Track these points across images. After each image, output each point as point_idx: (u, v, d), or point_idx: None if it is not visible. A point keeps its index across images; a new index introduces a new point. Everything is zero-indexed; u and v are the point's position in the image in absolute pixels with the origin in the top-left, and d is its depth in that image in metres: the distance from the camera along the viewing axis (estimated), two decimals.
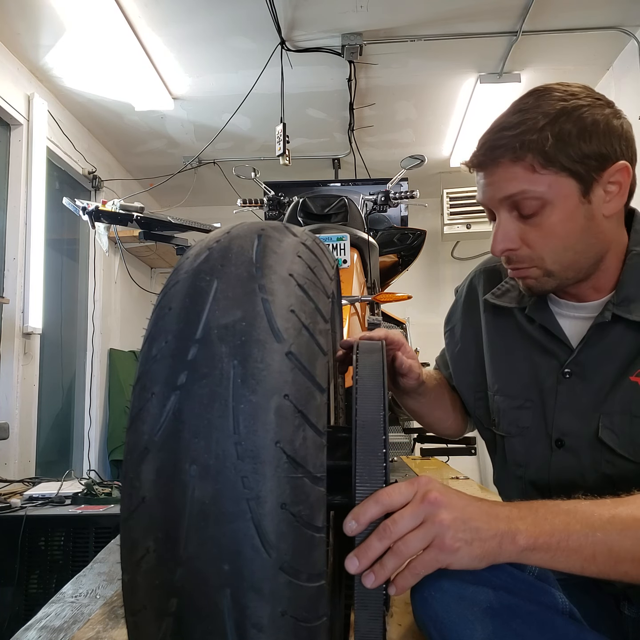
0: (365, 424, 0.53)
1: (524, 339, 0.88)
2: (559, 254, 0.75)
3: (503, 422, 0.88)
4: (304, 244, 0.52)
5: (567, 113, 0.71)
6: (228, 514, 0.39)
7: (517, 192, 0.72)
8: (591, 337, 0.79)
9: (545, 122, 0.71)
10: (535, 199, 0.72)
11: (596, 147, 0.72)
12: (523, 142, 0.71)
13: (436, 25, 2.74)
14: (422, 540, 0.52)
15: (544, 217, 0.73)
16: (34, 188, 2.88)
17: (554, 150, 0.70)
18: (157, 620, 0.41)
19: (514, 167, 0.72)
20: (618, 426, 0.76)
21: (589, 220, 0.74)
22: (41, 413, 2.98)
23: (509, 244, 0.76)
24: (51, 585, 1.65)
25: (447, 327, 1.05)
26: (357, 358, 0.61)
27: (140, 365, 0.45)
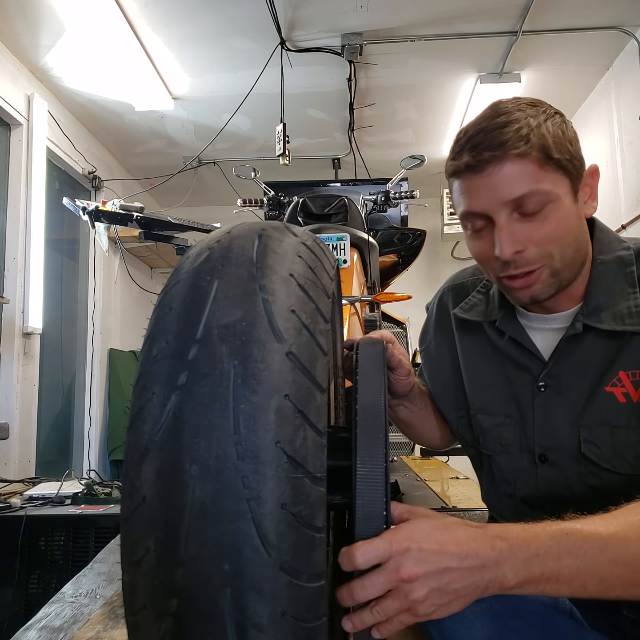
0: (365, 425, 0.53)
1: (496, 354, 0.87)
2: (564, 250, 0.74)
3: (487, 441, 0.87)
4: (305, 244, 0.52)
5: (548, 117, 0.72)
6: (228, 514, 0.39)
7: (527, 193, 0.70)
8: (563, 349, 0.79)
9: (537, 123, 0.70)
10: (541, 197, 0.70)
11: (576, 150, 0.73)
12: (528, 137, 0.69)
13: (436, 25, 2.74)
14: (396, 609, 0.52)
15: (549, 214, 0.71)
16: (34, 188, 2.87)
17: (553, 147, 0.70)
18: (157, 620, 0.41)
19: (522, 162, 0.69)
20: (599, 438, 0.75)
21: (579, 219, 0.76)
22: (41, 413, 2.98)
23: (517, 246, 0.72)
24: (51, 585, 1.65)
25: (422, 346, 1.03)
26: (357, 358, 0.61)
27: (141, 365, 0.45)
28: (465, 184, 0.74)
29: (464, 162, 0.72)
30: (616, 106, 3.11)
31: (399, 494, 1.83)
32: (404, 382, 0.87)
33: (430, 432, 1.01)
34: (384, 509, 0.52)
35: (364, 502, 0.51)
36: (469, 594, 0.53)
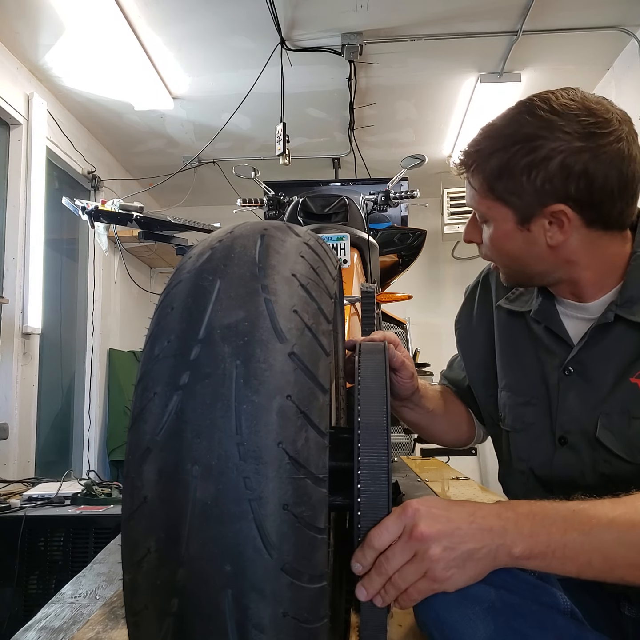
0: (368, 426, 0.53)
1: (531, 338, 0.89)
2: (504, 264, 0.84)
3: (508, 418, 0.90)
4: (307, 244, 0.52)
5: (524, 141, 0.71)
6: (230, 515, 0.39)
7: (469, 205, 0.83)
8: (592, 337, 0.80)
9: (498, 148, 0.74)
10: (479, 213, 0.81)
11: (539, 184, 0.71)
12: (476, 165, 0.78)
13: (436, 25, 2.74)
14: (415, 574, 0.54)
15: (487, 230, 0.82)
16: (34, 188, 2.87)
17: (496, 182, 0.75)
18: (158, 620, 0.41)
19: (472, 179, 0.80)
20: (616, 426, 0.76)
21: (531, 245, 0.78)
22: (40, 413, 2.98)
23: (468, 236, 0.86)
24: (51, 586, 1.64)
25: (460, 324, 1.05)
26: (359, 359, 0.61)
27: (143, 365, 0.45)
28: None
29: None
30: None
31: (400, 494, 1.83)
32: (406, 384, 0.88)
33: (443, 432, 1.03)
34: (386, 510, 0.52)
35: (366, 503, 0.51)
36: (482, 559, 0.55)
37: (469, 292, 1.06)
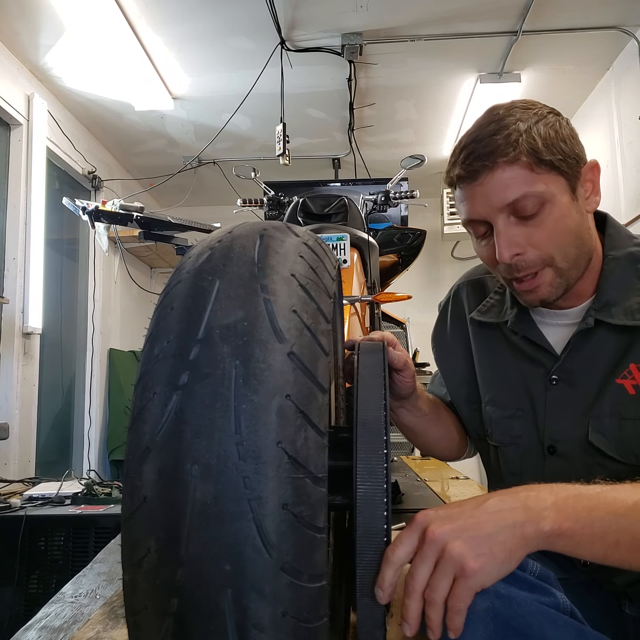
0: (365, 422, 0.52)
1: (510, 349, 0.88)
2: (565, 250, 0.76)
3: (496, 432, 0.88)
4: (306, 244, 0.52)
5: (540, 119, 0.74)
6: (229, 514, 0.39)
7: (520, 196, 0.72)
8: (575, 344, 0.80)
9: (527, 127, 0.73)
10: (536, 199, 0.72)
11: (571, 147, 0.74)
12: (515, 143, 0.72)
13: (436, 25, 2.74)
14: (445, 579, 0.50)
15: (545, 215, 0.73)
16: (34, 188, 2.87)
17: (543, 150, 0.72)
18: (158, 620, 0.41)
19: (512, 168, 0.72)
20: (607, 429, 0.76)
21: (581, 216, 0.77)
22: (41, 413, 2.98)
23: (515, 249, 0.74)
24: (51, 586, 1.64)
25: (435, 342, 1.04)
26: (358, 358, 0.61)
27: (142, 365, 0.45)
28: (462, 193, 0.77)
29: (456, 174, 0.76)
30: (616, 106, 3.11)
31: (399, 494, 1.83)
32: (408, 384, 0.87)
33: (436, 440, 1.00)
34: (384, 510, 0.51)
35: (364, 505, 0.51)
36: (508, 540, 0.51)
37: (441, 308, 1.04)
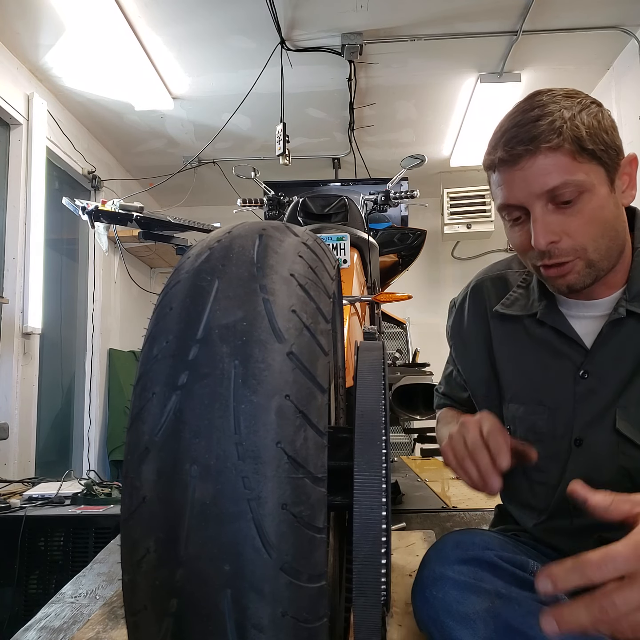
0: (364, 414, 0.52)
1: (534, 344, 0.87)
2: (598, 241, 0.75)
3: (520, 429, 0.87)
4: (305, 244, 0.52)
5: (584, 108, 0.74)
6: (229, 515, 0.39)
7: (560, 184, 0.72)
8: (606, 335, 0.80)
9: (570, 115, 0.72)
10: (575, 187, 0.72)
11: (612, 139, 0.74)
12: (560, 130, 0.71)
13: (436, 25, 2.74)
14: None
15: (583, 205, 0.73)
16: (34, 188, 2.87)
17: (586, 139, 0.72)
18: (157, 620, 0.40)
19: (555, 155, 0.72)
20: (634, 417, 0.76)
21: (617, 208, 0.77)
22: (41, 413, 2.98)
23: (552, 236, 0.74)
24: (51, 586, 1.64)
25: (454, 340, 1.02)
26: (357, 356, 0.61)
27: (141, 365, 0.45)
28: (501, 177, 0.77)
29: (498, 157, 0.76)
30: (616, 106, 3.10)
31: (400, 494, 1.83)
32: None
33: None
34: (382, 517, 0.51)
35: (362, 509, 0.50)
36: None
37: (458, 305, 1.02)
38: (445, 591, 0.70)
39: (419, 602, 0.73)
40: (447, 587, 0.70)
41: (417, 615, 0.74)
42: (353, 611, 0.52)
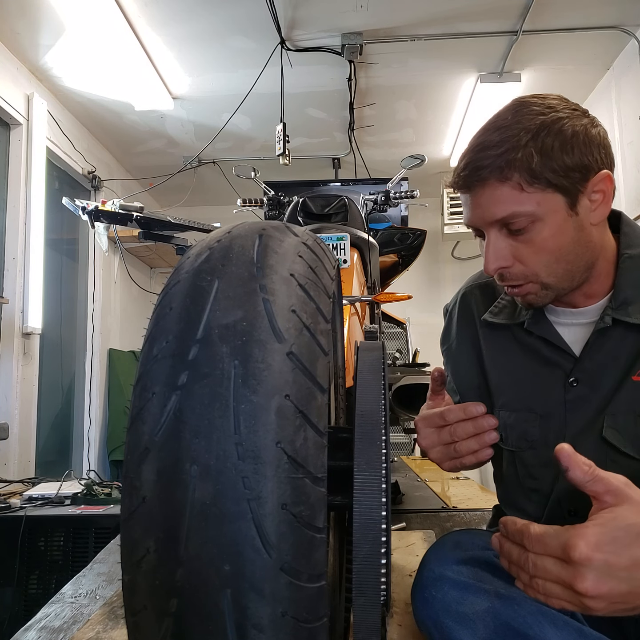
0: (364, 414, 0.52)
1: (523, 351, 0.87)
2: (552, 267, 0.75)
3: (511, 437, 0.87)
4: (305, 244, 0.52)
5: (547, 127, 0.71)
6: (228, 515, 0.39)
7: (508, 215, 0.72)
8: (594, 343, 0.79)
9: (528, 139, 0.70)
10: (525, 217, 0.72)
11: (578, 158, 0.71)
12: (509, 161, 0.70)
13: (436, 25, 2.74)
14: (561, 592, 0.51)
15: (535, 233, 0.73)
16: (34, 188, 2.87)
17: (539, 167, 0.70)
18: (157, 620, 0.41)
19: (501, 187, 0.71)
20: (622, 425, 0.76)
21: (579, 231, 0.75)
22: (41, 413, 2.98)
23: (501, 262, 0.75)
24: (51, 586, 1.64)
25: (444, 347, 1.03)
26: (357, 356, 0.61)
27: (141, 365, 0.45)
28: (463, 198, 0.78)
29: (454, 182, 0.77)
30: (616, 106, 3.11)
31: (400, 494, 1.83)
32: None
33: None
34: (382, 517, 0.51)
35: (362, 509, 0.50)
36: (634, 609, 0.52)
37: (448, 312, 1.03)
38: (444, 591, 0.70)
39: (418, 602, 0.73)
40: (446, 587, 0.70)
41: (417, 615, 0.74)
42: (353, 611, 0.52)
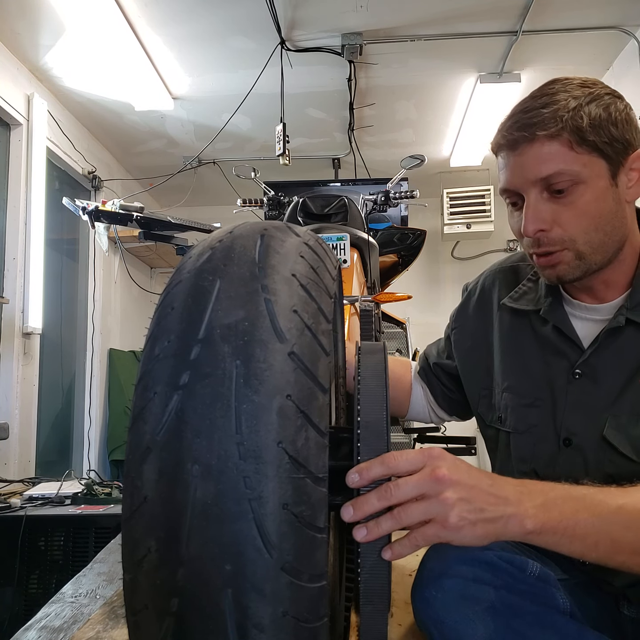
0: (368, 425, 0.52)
1: (537, 339, 0.88)
2: (590, 234, 0.75)
3: (511, 419, 0.88)
4: (307, 244, 0.52)
5: (594, 99, 0.73)
6: (230, 514, 0.39)
7: (554, 173, 0.72)
8: (603, 341, 0.80)
9: (578, 104, 0.72)
10: (570, 177, 0.72)
11: (622, 132, 0.73)
12: (561, 119, 0.71)
13: (436, 25, 2.74)
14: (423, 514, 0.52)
15: (577, 196, 0.73)
16: (34, 188, 2.87)
17: (588, 130, 0.71)
18: (158, 620, 0.41)
19: (551, 143, 0.72)
20: (624, 427, 0.76)
21: (617, 204, 0.75)
22: (41, 413, 2.98)
23: (541, 224, 0.75)
24: (51, 586, 1.65)
25: (457, 324, 1.04)
26: (358, 359, 0.61)
27: (143, 364, 0.45)
28: (503, 161, 0.78)
29: (497, 142, 0.77)
30: None
31: None
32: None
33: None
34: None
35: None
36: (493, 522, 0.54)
37: (468, 290, 1.04)
38: (444, 591, 0.70)
39: (418, 602, 0.73)
40: (446, 587, 0.70)
41: (417, 615, 0.74)
42: (359, 618, 0.52)
